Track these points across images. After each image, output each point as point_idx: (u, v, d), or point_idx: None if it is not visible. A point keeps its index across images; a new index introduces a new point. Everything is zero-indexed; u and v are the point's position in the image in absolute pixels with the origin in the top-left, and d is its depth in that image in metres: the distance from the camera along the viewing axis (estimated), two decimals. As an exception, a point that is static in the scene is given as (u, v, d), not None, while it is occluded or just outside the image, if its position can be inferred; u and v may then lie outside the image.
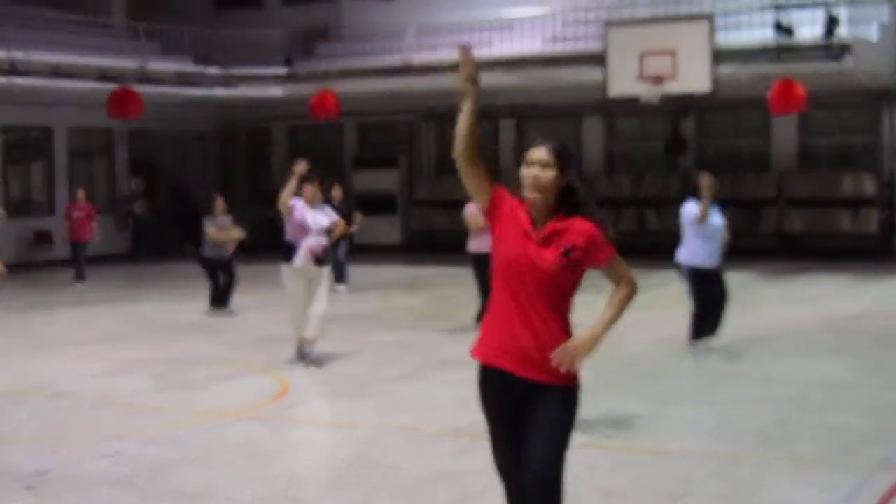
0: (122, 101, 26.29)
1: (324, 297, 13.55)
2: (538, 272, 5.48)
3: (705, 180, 13.43)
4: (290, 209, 13.36)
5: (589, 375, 6.22)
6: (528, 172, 5.58)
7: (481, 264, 15.82)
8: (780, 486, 8.15)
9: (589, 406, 5.63)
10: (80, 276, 24.18)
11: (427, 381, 12.73)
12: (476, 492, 7.91)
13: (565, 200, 5.61)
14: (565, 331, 5.54)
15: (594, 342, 5.50)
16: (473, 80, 5.52)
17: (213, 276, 18.91)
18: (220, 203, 19.10)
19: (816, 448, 9.35)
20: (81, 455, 9.43)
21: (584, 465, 8.23)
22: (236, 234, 19.00)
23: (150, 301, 21.25)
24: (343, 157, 33.09)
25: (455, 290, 20.54)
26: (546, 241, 5.51)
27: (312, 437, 10.58)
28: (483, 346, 5.65)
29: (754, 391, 11.77)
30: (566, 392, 5.54)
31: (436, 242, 30.20)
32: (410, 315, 18.71)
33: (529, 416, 5.51)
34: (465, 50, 5.51)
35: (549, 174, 5.53)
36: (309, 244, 13.36)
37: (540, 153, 5.57)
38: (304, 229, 13.38)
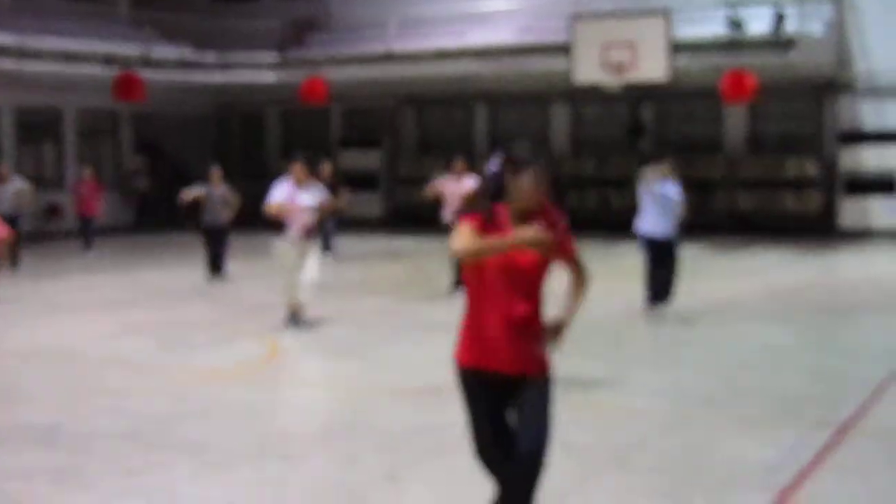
0: (126, 86, 26.23)
1: (314, 267, 13.57)
2: (522, 274, 5.36)
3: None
4: (281, 205, 13.25)
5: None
6: (525, 186, 5.34)
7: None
8: (727, 442, 8.23)
9: (554, 367, 5.67)
10: (87, 246, 24.19)
11: (407, 342, 12.76)
12: (453, 443, 7.95)
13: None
14: (540, 320, 5.49)
15: (567, 331, 5.54)
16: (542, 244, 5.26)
17: (208, 244, 18.83)
18: (216, 174, 18.84)
19: (761, 408, 9.41)
20: (90, 410, 9.45)
21: (549, 421, 8.28)
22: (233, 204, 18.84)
23: (152, 269, 21.22)
24: (330, 139, 33.08)
25: (432, 260, 20.56)
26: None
27: (302, 394, 10.62)
28: (470, 351, 5.47)
29: (704, 355, 11.84)
30: (546, 380, 5.52)
31: (415, 217, 30.20)
32: (391, 283, 18.73)
33: (514, 406, 5.46)
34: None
35: (542, 191, 5.38)
36: (300, 222, 13.36)
37: (540, 183, 5.36)
38: (293, 209, 13.36)
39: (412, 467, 7.60)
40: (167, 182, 31.93)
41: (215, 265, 18.78)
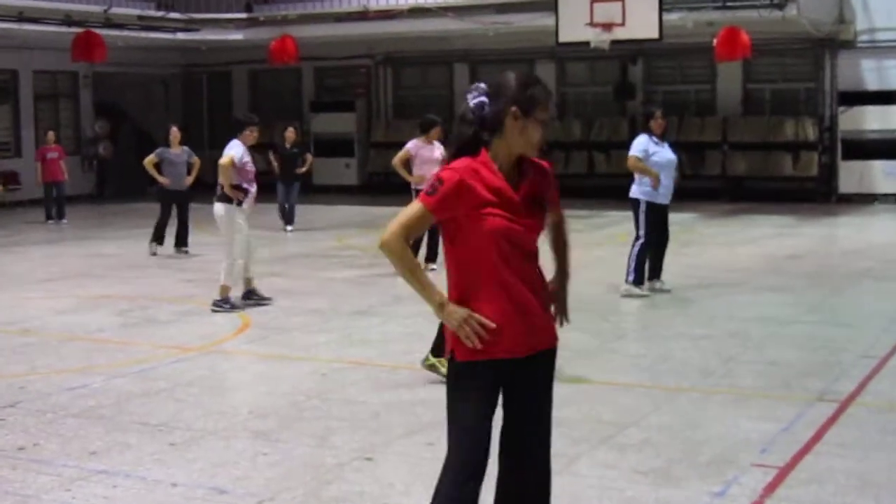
0: (86, 45, 26.04)
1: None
2: (532, 235, 4.86)
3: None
4: (238, 171, 13.14)
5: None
6: (539, 132, 4.77)
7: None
8: (721, 417, 8.23)
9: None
10: (60, 215, 24.17)
11: (381, 317, 12.73)
12: (428, 421, 7.95)
13: None
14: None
15: (568, 298, 5.28)
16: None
17: (166, 211, 18.64)
18: (175, 134, 18.59)
19: (756, 381, 9.43)
20: (49, 388, 9.40)
21: (534, 397, 8.27)
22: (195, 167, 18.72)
23: (114, 240, 21.14)
24: (302, 101, 32.99)
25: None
26: (528, 201, 4.80)
27: (272, 370, 10.56)
28: (501, 341, 4.92)
29: (697, 327, 11.84)
30: (555, 353, 5.24)
31: (392, 184, 30.08)
32: (366, 253, 18.66)
33: (512, 389, 5.12)
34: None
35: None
36: (253, 189, 13.25)
37: (551, 111, 4.83)
38: (249, 175, 13.21)
39: (388, 445, 7.58)
40: (130, 147, 31.82)
41: (179, 235, 18.61)
